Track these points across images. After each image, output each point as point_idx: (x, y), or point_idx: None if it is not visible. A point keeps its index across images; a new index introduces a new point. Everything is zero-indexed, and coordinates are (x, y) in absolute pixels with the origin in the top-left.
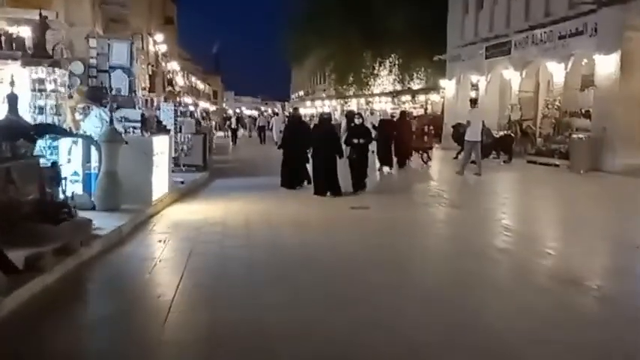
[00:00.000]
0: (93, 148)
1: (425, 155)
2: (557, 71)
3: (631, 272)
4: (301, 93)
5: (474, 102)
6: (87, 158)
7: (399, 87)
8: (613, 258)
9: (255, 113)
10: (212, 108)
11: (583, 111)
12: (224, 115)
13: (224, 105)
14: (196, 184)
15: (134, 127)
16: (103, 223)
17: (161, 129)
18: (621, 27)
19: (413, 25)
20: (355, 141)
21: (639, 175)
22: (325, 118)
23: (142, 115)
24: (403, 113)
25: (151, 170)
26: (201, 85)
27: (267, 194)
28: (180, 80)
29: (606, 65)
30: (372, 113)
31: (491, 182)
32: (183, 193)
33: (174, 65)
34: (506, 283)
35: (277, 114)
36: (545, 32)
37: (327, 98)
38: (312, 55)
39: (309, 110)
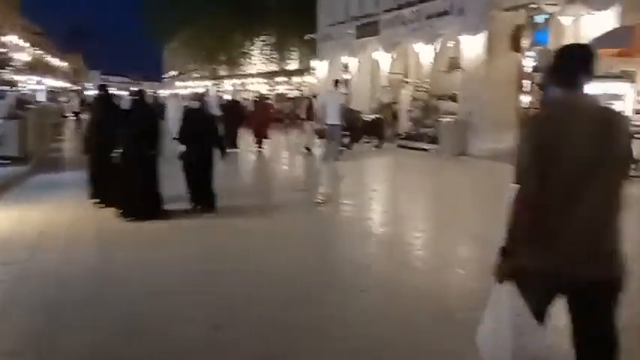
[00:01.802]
0: None
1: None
2: (425, 53)
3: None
4: (174, 73)
5: (336, 83)
6: None
7: (275, 68)
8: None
9: (125, 94)
10: (74, 88)
11: (451, 93)
12: (80, 96)
13: (88, 85)
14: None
15: None
16: None
17: None
18: (487, 7)
19: (284, 1)
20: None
21: (505, 160)
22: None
23: None
24: (261, 96)
25: None
26: (56, 63)
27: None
28: (23, 57)
29: (472, 47)
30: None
31: (358, 171)
32: None
33: (13, 39)
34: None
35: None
36: (413, 12)
37: (200, 79)
38: (181, 33)
39: (180, 91)
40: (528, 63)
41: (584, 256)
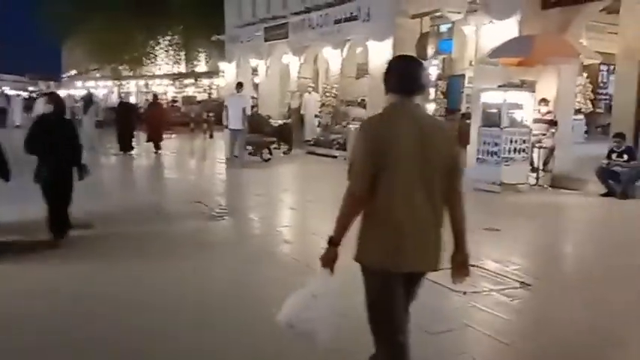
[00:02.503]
0: None
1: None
2: (333, 58)
3: None
4: (74, 72)
5: (239, 86)
6: None
7: (183, 69)
8: None
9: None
10: None
11: (359, 100)
12: None
13: None
14: None
15: None
16: None
17: None
18: (394, 13)
19: (189, 1)
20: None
21: None
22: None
23: None
24: (154, 97)
25: None
26: None
27: None
28: None
29: (380, 53)
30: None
31: (264, 179)
32: None
33: None
34: None
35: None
36: (321, 15)
37: (102, 79)
38: (79, 31)
39: (80, 92)
40: (433, 71)
41: (416, 253)
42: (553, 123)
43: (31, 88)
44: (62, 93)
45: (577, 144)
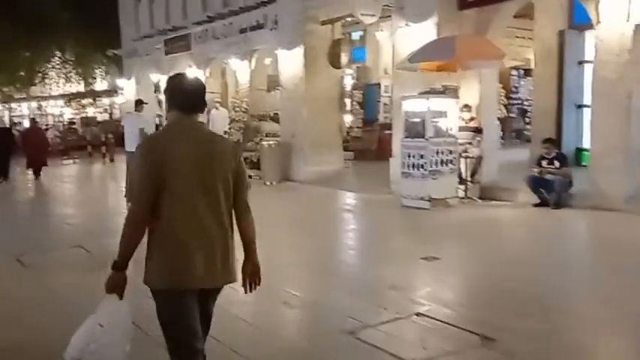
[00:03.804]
0: None
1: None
2: (241, 70)
3: None
4: None
5: (139, 103)
6: None
7: (82, 88)
8: None
9: None
10: None
11: (272, 114)
12: None
13: None
14: None
15: None
16: None
17: None
18: (302, 20)
19: (79, 14)
20: None
21: (329, 184)
22: None
23: None
24: (33, 120)
25: None
26: None
27: None
28: None
29: (290, 62)
30: None
31: None
32: None
33: None
34: None
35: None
36: (225, 25)
37: None
38: None
39: None
40: (348, 80)
41: (203, 270)
42: (478, 130)
43: None
44: None
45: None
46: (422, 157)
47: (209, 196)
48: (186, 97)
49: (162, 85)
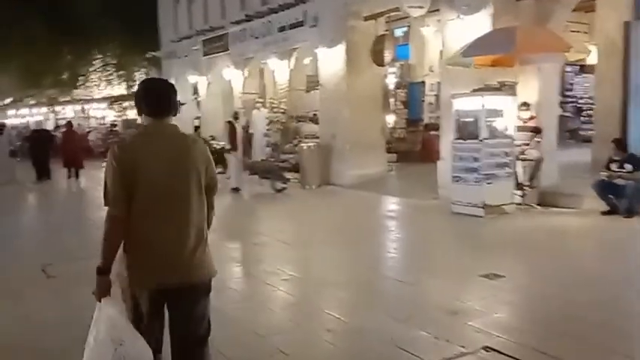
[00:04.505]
0: None
1: None
2: (279, 69)
3: None
4: (8, 100)
5: None
6: None
7: (124, 91)
8: None
9: None
10: None
11: (311, 115)
12: None
13: None
14: None
15: None
16: None
17: None
18: (344, 15)
19: (119, 16)
20: None
21: (372, 188)
22: None
23: None
24: (68, 123)
25: None
26: None
27: None
28: None
29: (330, 60)
30: None
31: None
32: None
33: None
34: None
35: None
36: (263, 23)
37: (37, 105)
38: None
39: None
40: (391, 79)
41: (175, 267)
42: (537, 131)
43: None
44: None
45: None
46: (475, 159)
47: (181, 198)
48: (152, 102)
49: (202, 86)
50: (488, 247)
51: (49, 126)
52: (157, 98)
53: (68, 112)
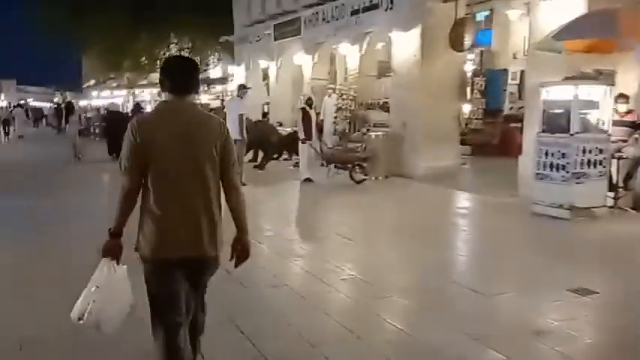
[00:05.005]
0: None
1: None
2: (351, 54)
3: None
4: (92, 82)
5: (241, 88)
6: None
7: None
8: None
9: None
10: None
11: (381, 102)
12: None
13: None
14: None
15: None
16: None
17: None
18: None
19: (195, 1)
20: None
21: (444, 182)
22: None
23: None
24: (137, 105)
25: None
26: None
27: None
28: None
29: (405, 45)
30: None
31: (270, 200)
32: None
33: None
34: None
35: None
36: (336, 7)
37: (117, 88)
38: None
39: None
40: (469, 66)
41: (185, 240)
42: (636, 126)
43: (55, 100)
44: (82, 103)
45: None
46: (564, 156)
47: (195, 173)
48: (173, 79)
49: (272, 71)
50: (576, 256)
51: (128, 108)
52: (179, 76)
53: (146, 95)
